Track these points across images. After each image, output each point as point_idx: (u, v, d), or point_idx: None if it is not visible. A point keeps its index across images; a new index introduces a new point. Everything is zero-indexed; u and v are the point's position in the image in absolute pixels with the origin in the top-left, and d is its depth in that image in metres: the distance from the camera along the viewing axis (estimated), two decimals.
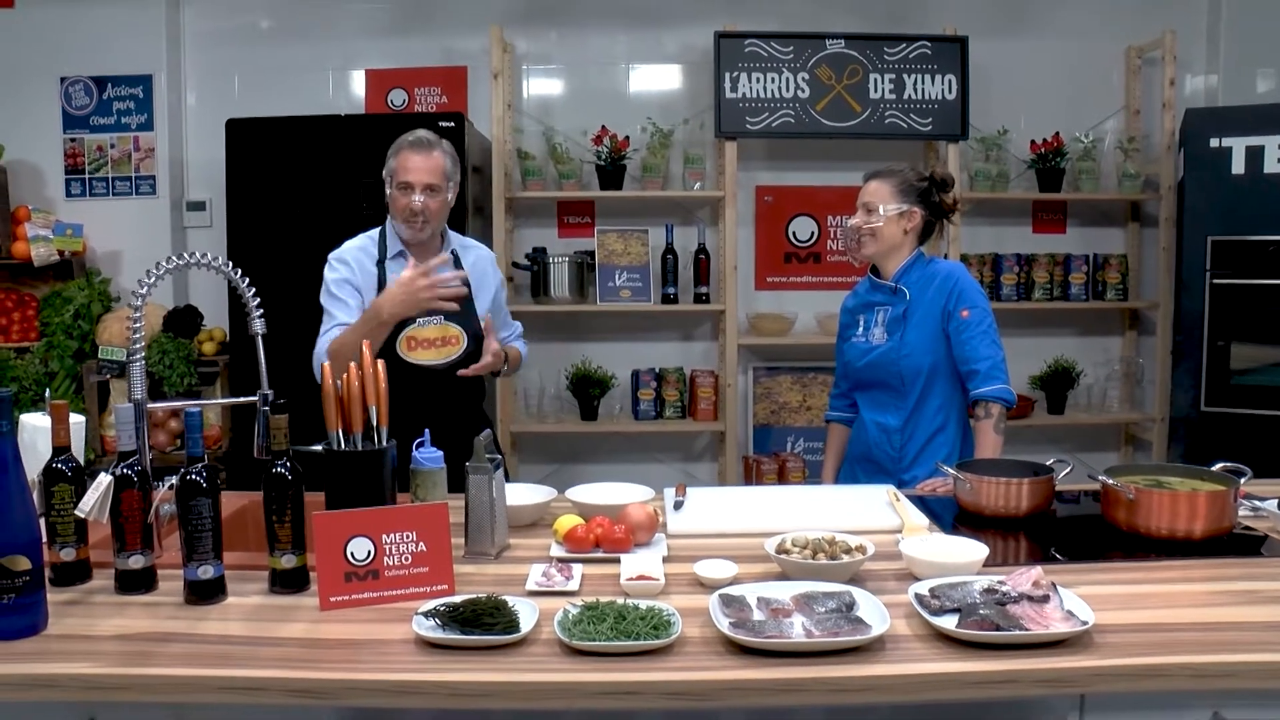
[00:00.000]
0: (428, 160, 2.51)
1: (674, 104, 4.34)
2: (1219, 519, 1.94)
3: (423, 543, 1.65)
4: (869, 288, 2.71)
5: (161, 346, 3.70)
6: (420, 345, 2.55)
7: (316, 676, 1.37)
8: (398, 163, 2.52)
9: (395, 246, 2.59)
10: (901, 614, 1.53)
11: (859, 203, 2.62)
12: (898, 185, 2.59)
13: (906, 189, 2.59)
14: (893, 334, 2.61)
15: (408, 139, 2.55)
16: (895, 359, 2.59)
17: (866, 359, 2.65)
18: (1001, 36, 4.28)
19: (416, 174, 2.50)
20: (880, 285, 2.66)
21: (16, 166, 4.08)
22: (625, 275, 4.26)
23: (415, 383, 2.50)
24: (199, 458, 1.62)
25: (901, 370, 2.59)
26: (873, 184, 2.61)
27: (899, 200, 2.58)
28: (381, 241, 2.60)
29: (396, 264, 2.57)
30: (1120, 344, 4.45)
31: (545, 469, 4.42)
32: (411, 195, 2.50)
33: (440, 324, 2.56)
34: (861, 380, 2.70)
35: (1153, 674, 1.37)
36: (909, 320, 2.59)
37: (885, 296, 2.64)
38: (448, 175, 2.55)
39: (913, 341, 2.58)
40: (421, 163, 2.50)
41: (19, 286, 3.96)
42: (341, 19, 4.30)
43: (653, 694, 1.35)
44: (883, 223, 2.57)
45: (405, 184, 2.51)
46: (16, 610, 1.48)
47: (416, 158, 2.50)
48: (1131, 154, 4.16)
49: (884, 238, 2.59)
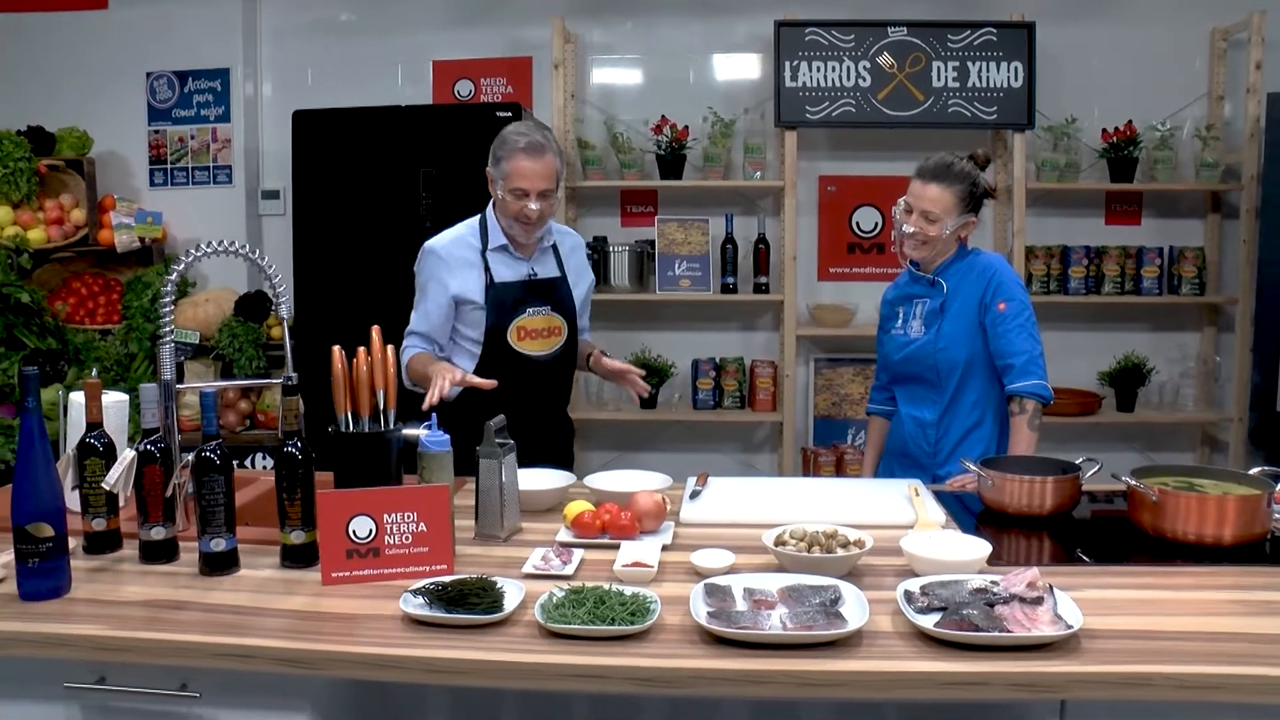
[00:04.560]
0: (541, 165, 2.44)
1: (738, 93, 4.32)
2: (1250, 525, 1.85)
3: (423, 523, 1.71)
4: (909, 279, 2.66)
5: (232, 330, 3.87)
6: (529, 335, 2.55)
7: (303, 647, 1.43)
8: (511, 168, 2.44)
9: (498, 239, 2.54)
10: (890, 610, 1.52)
11: (915, 206, 2.48)
12: (960, 195, 2.46)
13: (968, 199, 2.48)
14: (930, 327, 2.56)
15: (519, 143, 2.45)
16: (931, 352, 2.54)
17: (904, 352, 2.61)
18: (1073, 22, 4.12)
19: (531, 180, 2.43)
20: (919, 278, 2.60)
21: (106, 158, 4.32)
22: (685, 265, 4.27)
23: (520, 371, 2.52)
24: (214, 436, 1.71)
25: (937, 364, 2.54)
26: (934, 189, 2.46)
27: (961, 212, 2.48)
28: (483, 232, 2.56)
29: (497, 256, 2.54)
30: (1198, 340, 4.26)
31: (607, 456, 4.47)
32: (527, 202, 2.44)
33: (547, 314, 2.57)
34: (899, 374, 2.66)
35: (1136, 682, 1.33)
36: (946, 313, 2.53)
37: (924, 289, 2.59)
38: (558, 175, 2.50)
39: (949, 334, 2.52)
40: (536, 168, 2.43)
41: (105, 272, 4.20)
42: (411, 12, 4.40)
43: (620, 678, 1.37)
44: (943, 234, 2.48)
45: (520, 190, 2.44)
46: (41, 574, 1.59)
47: (530, 163, 2.43)
48: (1210, 142, 3.97)
49: (939, 245, 2.51)
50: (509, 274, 2.55)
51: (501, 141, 2.48)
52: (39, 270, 4.03)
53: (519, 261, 2.57)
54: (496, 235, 2.55)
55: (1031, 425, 2.42)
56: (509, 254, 2.56)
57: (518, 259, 2.57)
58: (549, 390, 2.63)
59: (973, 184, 2.49)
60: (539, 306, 2.54)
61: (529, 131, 2.47)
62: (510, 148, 2.45)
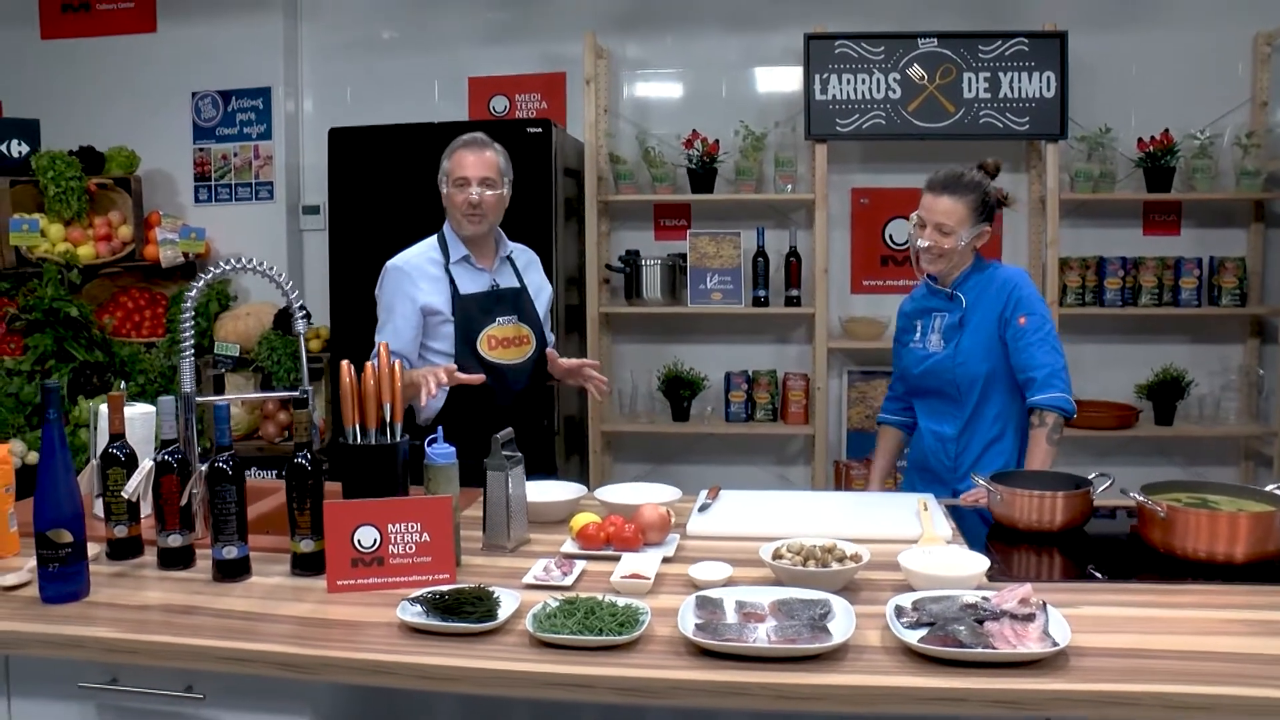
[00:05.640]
0: (481, 157, 2.59)
1: (770, 106, 4.33)
2: (1264, 543, 1.82)
3: (427, 533, 1.75)
4: (926, 292, 2.65)
5: (270, 343, 3.97)
6: (500, 344, 2.61)
7: (301, 652, 1.48)
8: (453, 162, 2.62)
9: (459, 250, 2.64)
10: (881, 625, 1.53)
11: (929, 220, 2.49)
12: (973, 206, 2.47)
13: (980, 208, 2.49)
14: (949, 341, 2.55)
15: (461, 139, 2.64)
16: (950, 367, 2.54)
17: (923, 366, 2.60)
18: (1108, 30, 4.06)
19: (473, 169, 2.58)
20: (937, 291, 2.60)
21: (154, 175, 4.46)
22: (716, 278, 4.28)
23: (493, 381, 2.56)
24: (227, 447, 1.77)
25: (957, 378, 2.53)
26: (946, 201, 2.47)
27: (974, 222, 2.49)
28: (443, 247, 2.66)
29: (460, 268, 2.63)
30: (1240, 352, 4.15)
31: (641, 468, 4.49)
32: (469, 189, 2.57)
33: (515, 323, 2.65)
34: (918, 388, 2.66)
35: (1121, 701, 1.32)
36: (965, 327, 2.53)
37: (942, 303, 2.59)
38: (502, 171, 2.62)
39: (968, 349, 2.52)
40: (475, 159, 2.59)
41: (151, 286, 4.33)
42: (450, 29, 4.48)
43: (604, 688, 1.39)
44: (958, 245, 2.48)
45: (462, 179, 2.58)
46: (61, 578, 1.66)
47: (471, 155, 2.60)
48: (1252, 150, 3.88)
49: (954, 257, 2.52)
50: (473, 285, 2.64)
51: (449, 147, 2.65)
52: (88, 285, 4.18)
53: (481, 272, 2.66)
54: (457, 248, 2.64)
55: (1050, 439, 2.39)
56: (471, 265, 2.64)
57: (480, 270, 2.66)
58: (524, 400, 2.67)
59: (984, 193, 2.49)
60: (506, 316, 2.63)
61: (473, 133, 2.66)
62: (453, 146, 2.63)
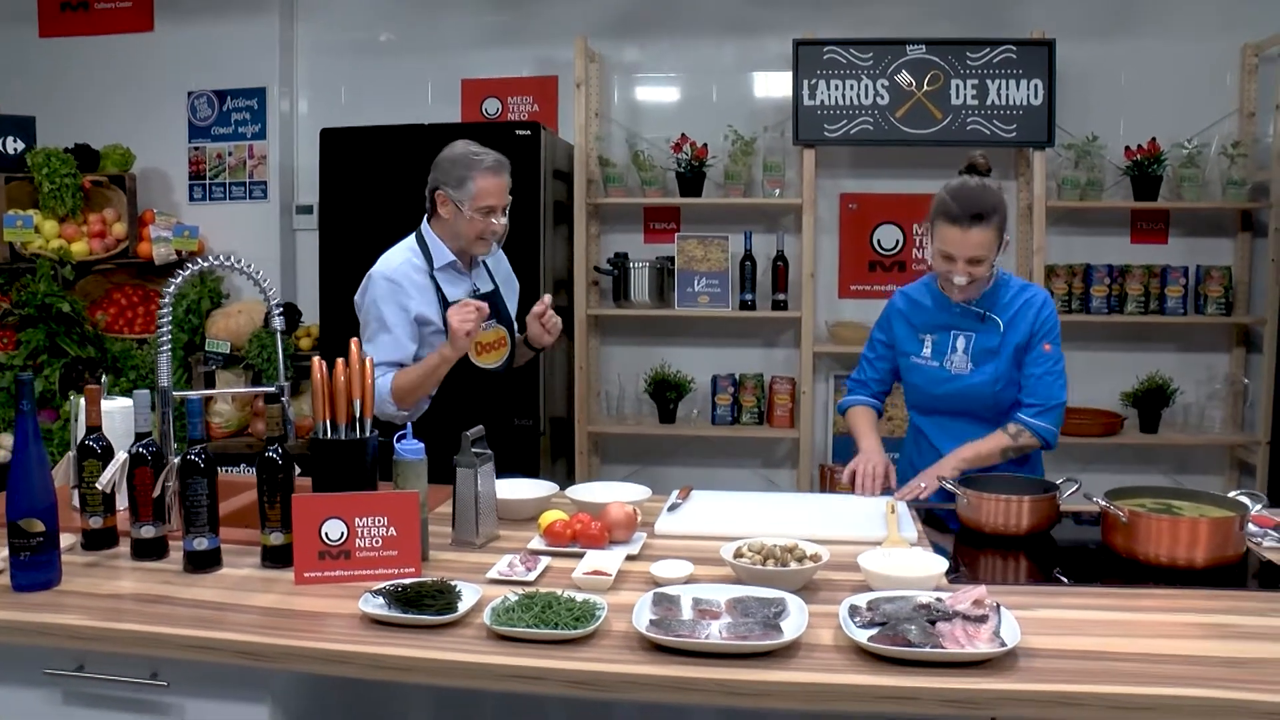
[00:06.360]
0: (504, 181, 2.52)
1: (760, 111, 4.35)
2: (1223, 547, 1.84)
3: (393, 527, 1.77)
4: (940, 303, 2.49)
5: (261, 341, 4.00)
6: (485, 349, 2.61)
7: (261, 641, 1.51)
8: (479, 187, 2.48)
9: (444, 257, 2.56)
10: (835, 625, 1.54)
11: (959, 255, 2.32)
12: (999, 226, 2.33)
13: (1004, 224, 2.37)
14: (981, 364, 2.44)
15: (485, 160, 2.50)
16: (991, 393, 2.45)
17: (947, 388, 2.48)
18: (1096, 39, 4.09)
19: (498, 196, 2.50)
20: (966, 310, 2.45)
21: (149, 174, 4.50)
22: (704, 281, 4.31)
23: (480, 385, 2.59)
24: (199, 440, 1.80)
25: (999, 403, 2.46)
26: (977, 234, 2.30)
27: (1000, 237, 2.35)
28: (425, 252, 2.57)
29: (444, 275, 2.57)
30: (1225, 361, 4.17)
31: (627, 469, 4.51)
32: (493, 219, 2.51)
33: (494, 327, 2.63)
34: (936, 408, 2.54)
35: (1066, 702, 1.34)
36: (1003, 351, 2.43)
37: (971, 323, 2.46)
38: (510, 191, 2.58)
39: (1006, 374, 2.44)
40: (501, 184, 2.51)
41: (145, 283, 4.37)
42: (445, 31, 4.52)
43: (556, 681, 1.42)
44: (991, 269, 2.39)
45: (488, 207, 2.49)
46: (33, 567, 1.68)
47: (497, 180, 2.50)
48: (1238, 159, 3.90)
49: (987, 280, 2.42)
50: (457, 292, 2.58)
51: (462, 162, 2.50)
52: (82, 281, 4.21)
53: (463, 279, 2.62)
54: (441, 254, 2.56)
55: (1008, 451, 2.40)
56: (455, 271, 2.59)
57: (461, 276, 2.61)
58: (508, 400, 2.68)
59: (1004, 209, 2.37)
60: (488, 320, 2.56)
61: (486, 150, 2.52)
62: (477, 166, 2.48)
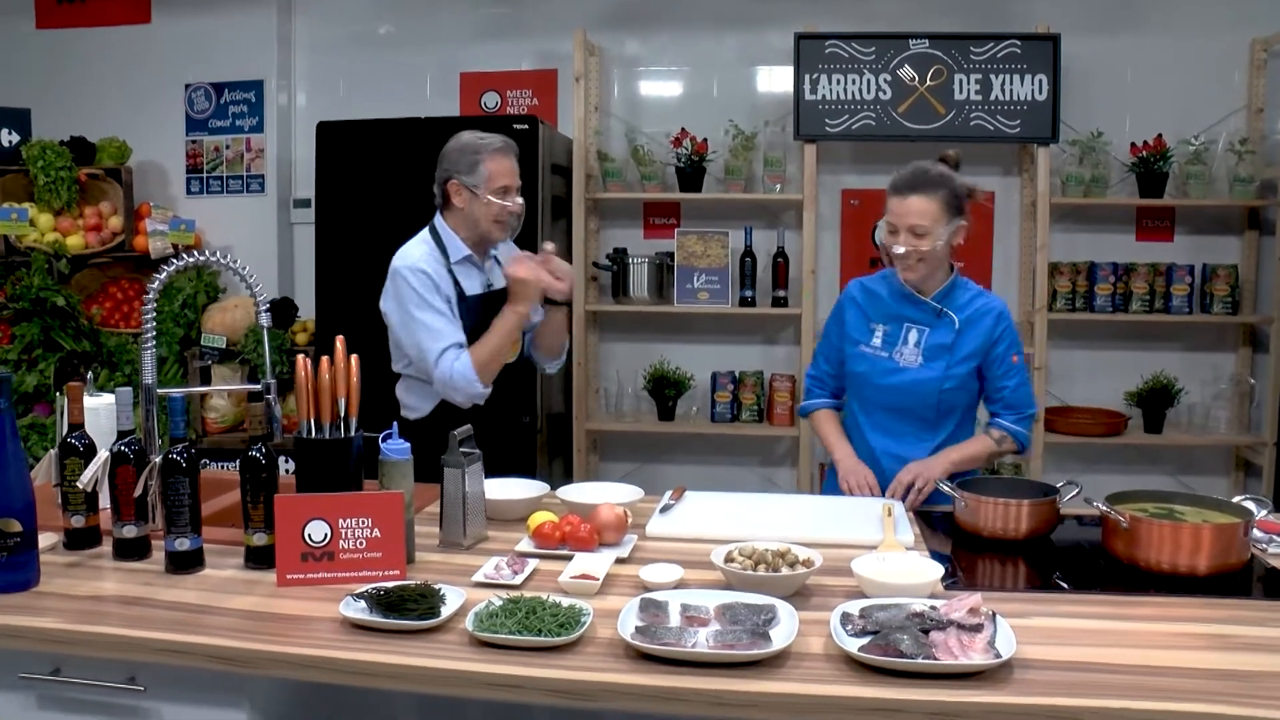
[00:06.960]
0: (514, 161, 2.49)
1: (761, 106, 4.31)
2: (1226, 554, 1.80)
3: (378, 529, 1.74)
4: (898, 295, 2.46)
5: (257, 335, 3.97)
6: None
7: (239, 646, 1.48)
8: (491, 168, 2.45)
9: (460, 251, 2.52)
10: (826, 633, 1.51)
11: (900, 224, 2.34)
12: (944, 201, 2.32)
13: (953, 202, 2.35)
14: (933, 360, 2.41)
15: (494, 143, 2.47)
16: (936, 390, 2.42)
17: (892, 380, 2.44)
18: (1102, 34, 4.04)
19: (511, 176, 2.47)
20: (919, 301, 2.43)
21: (146, 167, 4.47)
22: (704, 277, 4.26)
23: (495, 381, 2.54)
24: (180, 439, 1.77)
25: (941, 402, 2.43)
26: (917, 202, 2.31)
27: (949, 217, 2.33)
28: (439, 245, 2.53)
29: (462, 269, 2.53)
30: (1232, 361, 4.12)
31: (626, 467, 4.48)
32: (509, 199, 2.47)
33: None
34: (878, 402, 2.49)
35: (1059, 716, 1.31)
36: (957, 350, 2.41)
37: (925, 316, 2.43)
38: None
39: (960, 375, 2.42)
40: (512, 164, 2.48)
41: (140, 277, 4.34)
42: (444, 24, 4.48)
43: (538, 689, 1.38)
44: (936, 246, 2.35)
45: (503, 188, 2.46)
46: (10, 568, 1.65)
47: (508, 160, 2.48)
48: (1246, 156, 3.84)
49: (935, 260, 2.39)
50: (475, 286, 2.56)
51: (471, 147, 2.47)
52: (77, 275, 4.19)
53: (479, 273, 2.58)
54: (457, 248, 2.53)
55: (992, 456, 2.45)
56: (471, 264, 2.56)
57: (478, 269, 2.58)
58: (515, 396, 2.65)
59: (953, 187, 2.36)
60: None
61: (492, 134, 2.50)
62: (486, 149, 2.46)
